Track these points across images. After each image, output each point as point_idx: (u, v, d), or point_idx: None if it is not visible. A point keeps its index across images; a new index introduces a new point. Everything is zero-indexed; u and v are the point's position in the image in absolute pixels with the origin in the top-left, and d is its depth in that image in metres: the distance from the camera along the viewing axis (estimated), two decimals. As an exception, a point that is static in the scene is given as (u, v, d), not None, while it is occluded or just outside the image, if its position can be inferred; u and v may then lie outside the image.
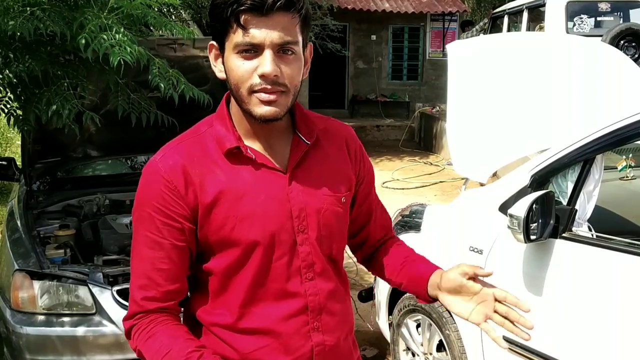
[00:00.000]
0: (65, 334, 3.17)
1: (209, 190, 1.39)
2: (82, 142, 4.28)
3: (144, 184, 1.41)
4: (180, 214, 1.38)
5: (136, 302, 1.41)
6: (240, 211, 1.39)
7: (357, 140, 1.64)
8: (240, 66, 1.32)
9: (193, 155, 1.41)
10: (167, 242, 1.39)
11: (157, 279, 1.39)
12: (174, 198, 1.37)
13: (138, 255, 1.42)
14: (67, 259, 3.50)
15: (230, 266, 1.43)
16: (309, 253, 1.47)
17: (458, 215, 3.29)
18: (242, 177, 1.41)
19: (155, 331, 1.39)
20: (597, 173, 2.60)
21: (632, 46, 8.66)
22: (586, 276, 2.54)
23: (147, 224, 1.39)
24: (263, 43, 1.30)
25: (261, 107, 1.34)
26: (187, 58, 3.78)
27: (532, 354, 2.66)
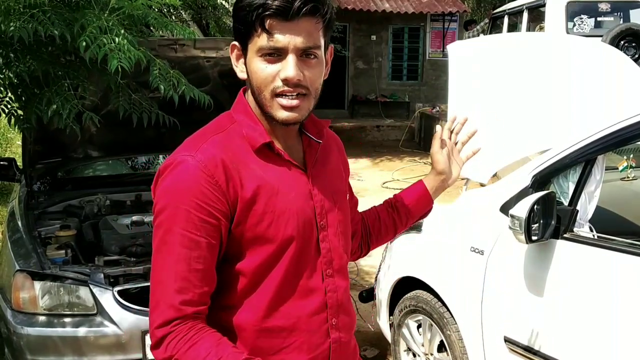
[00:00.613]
0: (67, 335, 3.16)
1: (247, 185, 1.37)
2: (83, 142, 4.27)
3: (178, 179, 1.34)
4: (221, 211, 1.35)
5: (174, 306, 1.32)
6: (277, 207, 1.40)
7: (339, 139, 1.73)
8: (264, 69, 1.34)
9: (227, 148, 1.39)
10: (205, 241, 1.34)
11: (193, 280, 1.34)
12: (215, 194, 1.34)
13: (172, 256, 1.34)
14: (68, 259, 3.49)
15: (263, 264, 1.41)
16: (329, 250, 1.50)
17: (459, 215, 3.29)
18: (273, 173, 1.42)
19: (197, 338, 1.32)
20: (598, 174, 2.60)
21: (632, 46, 8.67)
22: (587, 277, 2.54)
23: (184, 222, 1.32)
24: (287, 47, 1.32)
25: (283, 112, 1.37)
26: (187, 59, 3.77)
27: (534, 354, 2.66)
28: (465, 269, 3.03)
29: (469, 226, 3.14)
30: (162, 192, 1.36)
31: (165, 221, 1.35)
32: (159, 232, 1.36)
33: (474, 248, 2.98)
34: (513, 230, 2.55)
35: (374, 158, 11.96)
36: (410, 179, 10.08)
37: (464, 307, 3.08)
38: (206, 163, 1.34)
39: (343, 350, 1.54)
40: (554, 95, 3.34)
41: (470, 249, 3.00)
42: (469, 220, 3.18)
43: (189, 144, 1.41)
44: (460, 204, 3.35)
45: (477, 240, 2.98)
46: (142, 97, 3.62)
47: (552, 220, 2.57)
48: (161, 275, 1.35)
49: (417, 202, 1.85)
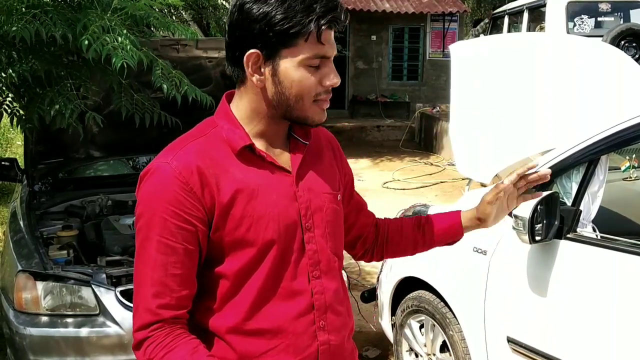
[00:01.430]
0: (69, 335, 3.16)
1: (225, 189, 1.38)
2: (85, 142, 4.27)
3: (154, 186, 1.37)
4: (197, 217, 1.36)
5: (151, 310, 1.35)
6: (256, 210, 1.40)
7: (337, 143, 1.71)
8: (309, 78, 1.38)
9: (205, 155, 1.40)
10: (181, 247, 1.36)
11: (170, 284, 1.36)
12: (190, 200, 1.35)
13: (149, 262, 1.36)
14: (70, 259, 3.49)
15: (244, 267, 1.42)
16: (315, 251, 1.48)
17: (461, 215, 3.28)
18: (254, 176, 1.42)
19: (173, 345, 1.34)
20: (601, 174, 2.60)
21: (632, 46, 8.68)
22: (590, 277, 2.54)
23: (160, 229, 1.35)
24: (331, 56, 1.39)
25: (321, 115, 1.44)
26: (190, 59, 3.77)
27: (537, 354, 2.66)
28: (468, 269, 3.03)
29: (471, 226, 3.14)
30: (140, 199, 1.39)
31: (143, 227, 1.37)
32: (138, 238, 1.39)
33: (476, 248, 2.98)
34: (517, 230, 2.55)
35: (374, 158, 11.96)
36: (410, 179, 10.09)
37: (467, 307, 3.08)
38: (181, 170, 1.36)
39: (334, 353, 1.52)
40: (555, 95, 3.33)
41: (472, 249, 3.00)
42: (472, 220, 3.17)
43: (167, 150, 1.42)
44: (463, 204, 3.34)
45: (480, 240, 2.98)
46: (145, 97, 3.62)
47: (555, 221, 2.57)
48: (140, 279, 1.38)
49: (446, 230, 1.80)
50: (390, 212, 4.15)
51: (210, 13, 9.69)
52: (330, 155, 1.63)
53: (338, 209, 1.57)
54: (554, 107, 3.31)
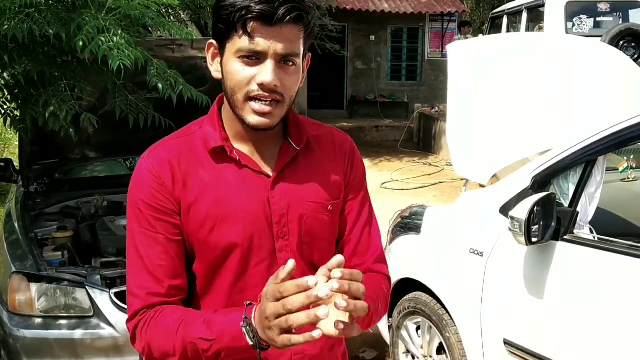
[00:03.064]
0: (63, 337, 3.14)
1: (191, 188, 1.39)
2: (80, 143, 4.24)
3: (133, 181, 1.41)
4: (170, 209, 1.38)
5: (139, 297, 1.37)
6: (220, 212, 1.38)
7: (353, 152, 1.58)
8: (240, 71, 1.31)
9: (179, 152, 1.41)
10: (162, 237, 1.37)
11: (157, 274, 1.37)
12: (162, 193, 1.37)
13: (135, 253, 1.39)
14: (64, 261, 3.47)
15: (209, 269, 1.42)
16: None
17: (459, 217, 3.27)
18: (224, 178, 1.40)
19: (162, 316, 1.35)
20: (598, 175, 2.58)
21: (631, 46, 8.67)
22: (588, 279, 2.52)
23: (141, 221, 1.38)
24: (267, 52, 1.29)
25: (254, 116, 1.34)
26: (185, 59, 3.75)
27: (534, 357, 2.64)
28: (465, 271, 3.01)
29: (468, 228, 3.13)
30: (128, 196, 1.43)
31: (129, 221, 1.41)
32: (127, 232, 1.43)
33: (473, 250, 2.96)
34: (513, 232, 2.53)
35: (373, 158, 11.93)
36: (409, 179, 10.08)
37: (463, 309, 3.06)
38: (154, 165, 1.39)
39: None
40: (553, 95, 3.32)
41: (469, 251, 2.98)
42: (468, 221, 3.16)
43: (150, 147, 1.45)
44: (460, 205, 3.33)
45: (477, 241, 2.96)
46: (139, 98, 3.60)
47: (552, 222, 2.55)
48: (129, 270, 1.41)
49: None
50: (389, 212, 4.14)
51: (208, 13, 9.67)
52: (332, 163, 1.53)
53: (325, 218, 1.48)
54: (551, 108, 3.30)
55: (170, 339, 1.32)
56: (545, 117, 3.29)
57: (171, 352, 1.33)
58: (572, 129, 2.96)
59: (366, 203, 1.60)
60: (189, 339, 1.30)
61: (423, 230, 3.44)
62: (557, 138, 2.95)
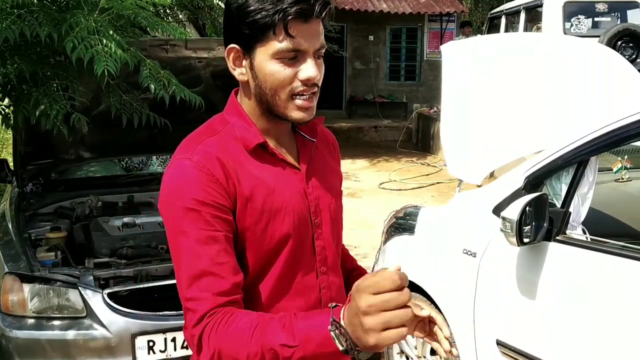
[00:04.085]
0: (55, 338, 3.13)
1: (244, 183, 1.39)
2: (75, 143, 4.24)
3: (178, 181, 1.36)
4: (226, 206, 1.36)
5: (206, 299, 1.30)
6: (273, 205, 1.41)
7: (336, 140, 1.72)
8: (282, 71, 1.35)
9: (222, 148, 1.40)
10: (221, 234, 1.34)
11: (221, 273, 1.32)
12: (217, 190, 1.35)
13: (192, 255, 1.33)
14: (57, 261, 3.46)
15: (262, 260, 1.42)
16: (323, 247, 1.51)
17: (452, 217, 3.26)
18: (268, 172, 1.44)
19: (233, 319, 1.28)
20: (591, 175, 2.57)
21: (629, 47, 8.65)
22: (580, 279, 2.51)
23: (194, 220, 1.33)
24: (307, 50, 1.34)
25: (299, 112, 1.39)
26: (179, 59, 3.73)
27: (525, 357, 2.64)
28: (458, 272, 3.01)
29: (461, 228, 3.12)
30: (166, 198, 1.37)
31: (175, 225, 1.35)
32: (172, 238, 1.36)
33: (466, 250, 2.96)
34: (504, 232, 2.52)
35: (371, 159, 11.93)
36: (407, 179, 10.07)
37: (457, 309, 3.05)
38: (204, 162, 1.36)
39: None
40: (548, 96, 3.32)
41: (462, 251, 2.97)
42: (462, 222, 3.15)
43: (183, 147, 1.42)
44: (454, 206, 3.32)
45: (470, 242, 2.95)
46: (133, 97, 3.59)
47: (544, 223, 2.54)
48: (186, 277, 1.33)
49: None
50: (386, 213, 4.13)
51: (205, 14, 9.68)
52: (333, 155, 1.66)
53: (341, 206, 1.61)
54: (545, 108, 3.29)
55: (244, 345, 1.25)
56: (540, 117, 3.28)
57: (245, 358, 1.26)
58: (568, 129, 2.95)
59: None
60: (268, 345, 1.23)
61: (417, 231, 3.43)
62: (552, 138, 2.94)
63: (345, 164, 11.65)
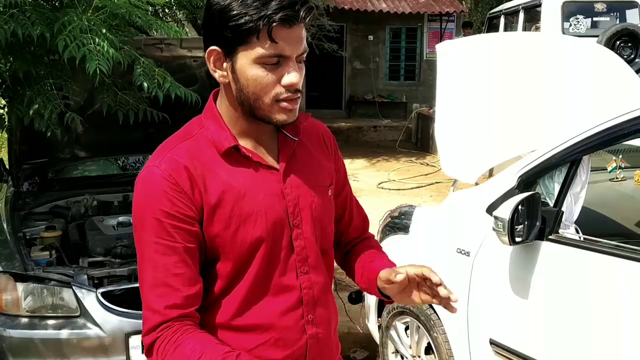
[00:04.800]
0: (49, 337, 3.13)
1: (212, 190, 1.39)
2: (70, 143, 4.24)
3: (145, 190, 1.39)
4: (190, 216, 1.38)
5: (158, 311, 1.36)
6: (243, 210, 1.41)
7: (333, 137, 1.69)
8: (265, 77, 1.34)
9: (191, 155, 1.41)
10: (180, 246, 1.37)
11: (175, 284, 1.36)
12: (181, 200, 1.36)
13: (150, 264, 1.38)
14: (52, 260, 3.46)
15: (236, 265, 1.43)
16: (304, 247, 1.50)
17: (446, 216, 3.26)
18: (241, 176, 1.43)
19: (182, 339, 1.35)
20: (583, 174, 2.56)
21: (628, 47, 8.63)
22: (572, 279, 2.51)
23: (156, 230, 1.36)
24: (291, 55, 1.34)
25: (282, 115, 1.39)
26: (174, 58, 3.73)
27: (518, 357, 2.63)
28: (452, 271, 3.00)
29: (455, 227, 3.11)
30: (135, 203, 1.40)
31: (140, 231, 1.39)
32: (137, 242, 1.41)
33: (460, 249, 2.95)
34: (497, 231, 2.51)
35: (371, 158, 11.92)
36: (406, 179, 10.06)
37: (451, 309, 3.04)
38: (170, 172, 1.37)
39: (322, 345, 1.55)
40: (543, 95, 3.31)
41: (456, 250, 2.97)
42: (456, 221, 3.14)
43: (157, 152, 1.44)
44: (448, 205, 3.32)
45: (464, 241, 2.95)
46: (130, 94, 3.59)
47: (536, 222, 2.53)
48: (144, 283, 1.39)
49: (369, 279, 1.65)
50: (384, 212, 4.12)
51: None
52: (323, 150, 1.63)
53: (328, 204, 1.58)
54: (540, 107, 3.29)
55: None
56: (535, 116, 3.27)
57: None
58: (562, 128, 2.94)
59: (348, 184, 1.76)
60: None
61: (411, 230, 3.43)
62: (546, 138, 2.93)
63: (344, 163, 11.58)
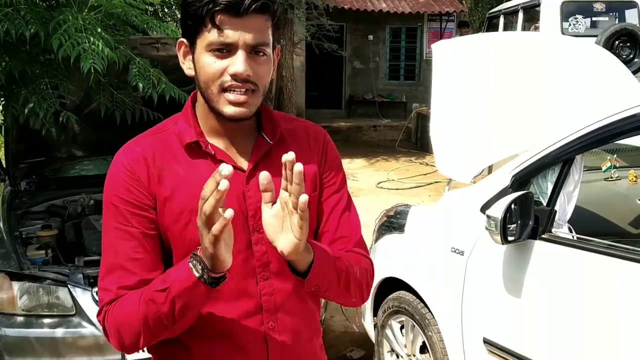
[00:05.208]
0: (45, 336, 3.14)
1: (166, 183, 1.40)
2: (67, 142, 4.25)
3: (108, 177, 1.43)
4: (146, 204, 1.39)
5: (111, 291, 1.37)
6: (195, 206, 1.33)
7: (326, 141, 1.59)
8: (212, 64, 1.33)
9: (153, 148, 1.42)
10: (138, 231, 1.38)
11: (132, 268, 1.38)
12: (137, 188, 1.39)
13: (110, 248, 1.40)
14: (48, 259, 3.47)
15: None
16: (265, 252, 1.44)
17: (441, 216, 3.26)
18: (200, 172, 1.41)
19: (126, 296, 1.35)
20: (576, 174, 2.57)
21: (627, 46, 8.62)
22: (565, 278, 2.51)
23: (116, 216, 1.39)
24: (237, 43, 1.31)
25: (230, 107, 1.35)
26: (171, 57, 3.72)
27: (512, 355, 2.64)
28: (446, 270, 3.01)
29: (450, 227, 3.12)
30: (103, 192, 1.43)
31: (105, 218, 1.42)
32: (102, 229, 1.43)
33: (454, 249, 2.96)
34: (489, 230, 2.52)
35: (370, 158, 11.93)
36: (404, 179, 10.06)
37: (445, 308, 3.05)
38: (129, 161, 1.40)
39: (288, 355, 1.50)
40: (538, 94, 3.31)
41: (451, 250, 2.98)
42: (450, 220, 3.15)
43: (126, 143, 1.46)
44: (443, 204, 3.32)
45: (458, 240, 2.96)
46: (126, 94, 3.59)
47: (529, 221, 2.54)
48: (103, 267, 1.41)
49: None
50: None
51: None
52: (306, 156, 1.52)
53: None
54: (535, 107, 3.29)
55: (133, 313, 1.32)
56: (530, 115, 3.28)
57: (136, 326, 1.32)
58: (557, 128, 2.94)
59: (343, 190, 1.61)
60: (147, 298, 1.31)
61: (407, 230, 3.44)
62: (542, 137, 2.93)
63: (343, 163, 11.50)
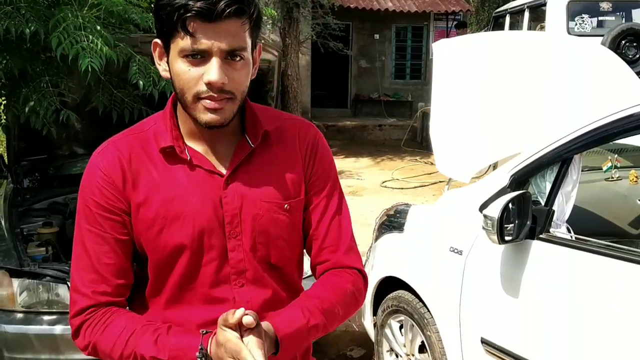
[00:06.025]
0: (44, 332, 3.15)
1: (141, 188, 1.38)
2: (68, 139, 4.26)
3: (84, 177, 1.41)
4: (120, 208, 1.37)
5: (86, 295, 1.37)
6: (169, 213, 1.37)
7: (316, 140, 1.52)
8: (187, 72, 1.28)
9: (131, 150, 1.39)
10: (110, 236, 1.38)
11: (104, 273, 1.37)
12: (112, 192, 1.37)
13: (82, 251, 1.39)
14: (48, 256, 3.48)
15: (159, 268, 1.41)
16: (241, 260, 1.42)
17: (440, 215, 3.26)
18: (176, 177, 1.38)
19: (112, 320, 1.36)
20: (575, 173, 2.56)
21: (633, 46, 8.60)
22: (563, 278, 2.50)
23: (89, 219, 1.38)
24: (210, 50, 1.26)
25: (206, 114, 1.31)
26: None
27: (509, 356, 2.63)
28: (445, 269, 3.00)
29: (448, 226, 3.11)
30: (79, 193, 1.42)
31: (77, 218, 1.41)
32: (75, 231, 1.42)
33: (453, 248, 2.95)
34: (486, 230, 2.51)
35: (375, 157, 11.92)
36: (409, 178, 10.06)
37: (443, 307, 3.04)
38: (105, 163, 1.38)
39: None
40: (537, 94, 3.30)
41: (449, 249, 2.97)
42: (449, 220, 3.14)
43: (104, 143, 1.43)
44: (442, 204, 3.32)
45: (456, 240, 2.95)
46: (125, 93, 3.59)
47: (527, 221, 2.53)
48: (75, 267, 1.41)
49: None
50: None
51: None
52: (292, 157, 1.49)
53: (281, 218, 1.44)
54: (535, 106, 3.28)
55: (118, 347, 1.33)
56: (530, 115, 3.27)
57: (117, 357, 1.34)
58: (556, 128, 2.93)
59: (334, 194, 1.54)
60: (140, 353, 1.31)
61: (406, 229, 3.43)
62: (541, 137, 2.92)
63: (348, 162, 11.69)
